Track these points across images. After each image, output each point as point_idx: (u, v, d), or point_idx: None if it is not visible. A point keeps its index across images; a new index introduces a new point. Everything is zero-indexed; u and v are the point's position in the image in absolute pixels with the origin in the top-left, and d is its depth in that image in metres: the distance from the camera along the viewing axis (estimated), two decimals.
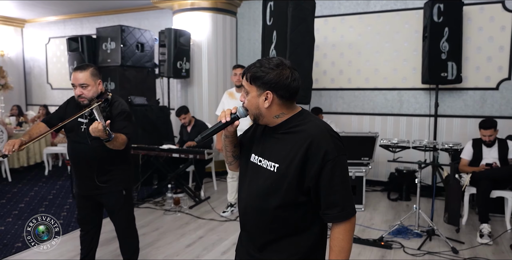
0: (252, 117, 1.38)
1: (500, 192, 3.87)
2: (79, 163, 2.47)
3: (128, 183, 2.60)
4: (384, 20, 5.48)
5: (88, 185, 2.46)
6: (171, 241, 3.60)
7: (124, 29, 5.41)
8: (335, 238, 1.34)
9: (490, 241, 3.47)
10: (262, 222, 1.38)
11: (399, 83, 5.49)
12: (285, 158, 1.30)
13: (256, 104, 1.33)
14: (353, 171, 4.45)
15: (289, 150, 1.30)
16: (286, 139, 1.33)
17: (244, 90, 1.35)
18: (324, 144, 1.26)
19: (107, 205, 2.56)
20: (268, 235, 1.39)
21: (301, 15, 3.70)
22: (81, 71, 2.35)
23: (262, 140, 1.41)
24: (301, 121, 1.33)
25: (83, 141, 2.38)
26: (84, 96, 2.35)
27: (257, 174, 1.39)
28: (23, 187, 5.49)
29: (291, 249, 1.38)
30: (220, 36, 6.09)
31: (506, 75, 4.93)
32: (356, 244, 3.49)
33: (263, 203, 1.35)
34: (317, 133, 1.28)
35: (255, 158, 1.41)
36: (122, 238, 2.64)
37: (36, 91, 8.88)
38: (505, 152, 4.01)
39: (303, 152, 1.26)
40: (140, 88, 5.76)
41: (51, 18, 8.30)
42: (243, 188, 1.46)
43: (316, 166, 1.26)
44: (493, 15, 4.92)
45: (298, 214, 1.35)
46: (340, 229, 1.33)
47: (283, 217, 1.35)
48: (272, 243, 1.39)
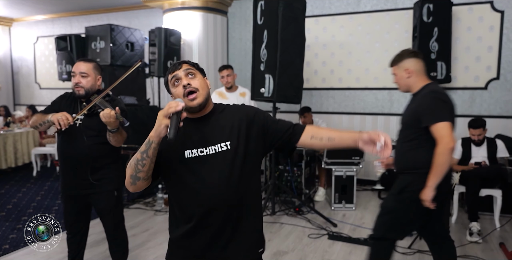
0: (202, 99, 1.43)
1: (489, 190, 3.91)
2: (71, 161, 2.39)
3: (119, 183, 2.56)
4: (374, 20, 5.50)
5: (79, 184, 2.40)
6: (162, 241, 3.56)
7: (113, 28, 5.36)
8: (315, 128, 1.51)
9: (479, 239, 3.50)
10: (232, 206, 1.43)
11: (389, 83, 5.49)
12: (230, 133, 1.44)
13: (206, 85, 1.49)
14: (344, 170, 4.47)
15: (230, 126, 1.45)
16: (221, 120, 1.47)
17: (189, 74, 1.45)
18: (250, 110, 1.52)
19: (97, 206, 2.51)
20: (234, 222, 1.44)
21: (292, 15, 3.70)
22: (84, 62, 2.38)
23: (193, 133, 1.45)
24: (222, 106, 1.54)
25: (77, 138, 2.33)
26: (81, 85, 2.33)
27: (206, 164, 1.41)
28: (10, 188, 5.40)
29: (252, 228, 1.52)
30: (211, 36, 6.07)
31: (494, 75, 4.99)
32: (347, 243, 3.50)
33: (232, 182, 1.41)
34: (241, 107, 1.55)
35: (193, 152, 1.42)
36: (112, 239, 2.60)
37: (24, 91, 8.75)
38: (494, 150, 4.05)
39: (245, 122, 1.46)
40: (130, 88, 5.69)
41: (39, 17, 8.19)
42: (194, 186, 1.41)
43: (256, 126, 1.47)
44: (482, 15, 4.97)
45: (257, 185, 1.52)
46: (308, 128, 1.50)
47: (251, 191, 1.48)
48: (239, 227, 1.46)
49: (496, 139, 4.18)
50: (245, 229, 1.47)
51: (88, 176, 2.36)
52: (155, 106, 5.98)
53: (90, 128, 2.35)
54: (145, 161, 1.34)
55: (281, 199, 4.56)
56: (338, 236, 3.64)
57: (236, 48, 6.49)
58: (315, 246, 3.48)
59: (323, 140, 1.43)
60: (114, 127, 2.19)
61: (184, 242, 1.49)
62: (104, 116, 2.10)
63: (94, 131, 2.35)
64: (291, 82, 3.86)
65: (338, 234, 3.69)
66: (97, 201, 2.47)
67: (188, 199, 1.44)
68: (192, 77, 1.44)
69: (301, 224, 4.00)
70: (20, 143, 6.30)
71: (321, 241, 3.57)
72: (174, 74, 1.45)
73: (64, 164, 2.46)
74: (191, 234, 1.46)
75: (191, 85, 1.41)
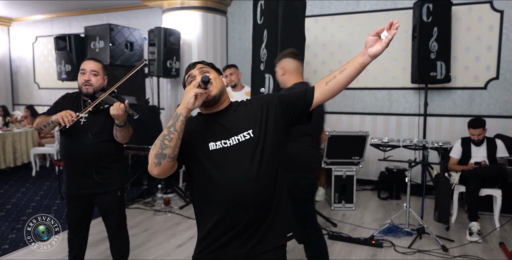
0: (216, 92, 1.43)
1: (488, 190, 3.91)
2: (76, 159, 2.37)
3: (122, 183, 2.55)
4: (374, 20, 5.50)
5: (84, 183, 2.39)
6: (162, 241, 3.56)
7: (113, 28, 5.35)
8: (323, 78, 1.52)
9: (479, 239, 3.50)
10: (261, 197, 1.41)
11: (388, 83, 5.52)
12: (250, 122, 1.44)
13: (221, 80, 1.50)
14: (343, 170, 4.46)
15: (249, 115, 1.46)
16: (239, 111, 1.48)
17: (203, 71, 1.48)
18: (263, 96, 1.54)
19: (101, 205, 2.49)
20: (268, 213, 1.43)
21: (292, 14, 3.70)
22: (95, 61, 2.42)
23: (214, 126, 1.45)
24: (237, 102, 1.55)
25: (82, 136, 2.32)
26: (91, 83, 2.36)
27: (230, 154, 1.40)
28: (9, 188, 5.39)
29: (286, 219, 1.51)
30: (211, 35, 6.06)
31: (494, 75, 4.99)
32: (347, 243, 3.49)
33: (259, 171, 1.39)
34: (255, 98, 1.55)
35: (217, 144, 1.42)
36: (113, 239, 2.59)
37: (23, 91, 8.73)
38: (494, 150, 4.05)
39: (262, 108, 1.47)
40: (129, 88, 5.69)
41: (38, 17, 8.17)
42: (221, 178, 1.39)
43: (273, 107, 1.48)
44: (481, 15, 4.97)
45: (281, 171, 1.51)
46: (317, 83, 1.52)
47: (278, 178, 1.47)
48: (271, 219, 1.45)
49: (496, 139, 4.18)
50: (276, 216, 1.46)
51: (94, 175, 2.35)
52: (154, 106, 5.97)
53: (95, 126, 2.35)
54: (172, 135, 1.30)
55: None
56: (338, 236, 3.64)
57: (236, 48, 6.48)
58: None
59: (337, 77, 1.44)
60: (122, 121, 2.21)
61: (215, 239, 1.48)
62: (114, 108, 2.13)
63: (99, 128, 2.35)
64: None
65: (338, 234, 3.68)
66: (101, 200, 2.46)
67: (214, 192, 1.41)
68: (206, 73, 1.47)
69: None
70: (19, 142, 6.28)
71: None
72: (189, 73, 1.49)
73: (68, 163, 2.42)
74: (220, 228, 1.44)
75: (208, 75, 1.44)
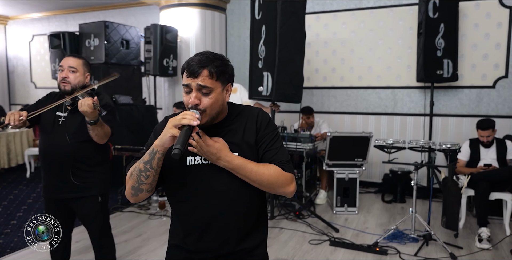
0: (207, 120, 1.24)
1: (498, 194, 3.72)
2: (52, 161, 2.24)
3: (104, 188, 2.38)
4: (377, 17, 5.32)
5: (60, 186, 2.24)
6: (155, 248, 3.39)
7: (108, 25, 5.19)
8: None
9: (490, 247, 3.32)
10: (236, 216, 1.31)
11: (393, 82, 5.34)
12: (237, 142, 1.29)
13: (222, 100, 1.27)
14: (346, 172, 4.29)
15: (238, 134, 1.31)
16: (231, 127, 1.32)
17: (203, 90, 1.22)
18: (264, 118, 1.36)
19: (80, 212, 2.33)
20: (241, 234, 1.34)
21: (292, 9, 3.53)
22: (74, 57, 2.31)
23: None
24: (238, 109, 1.37)
25: (59, 136, 2.19)
26: (68, 80, 2.23)
27: (207, 171, 1.28)
28: (2, 190, 5.24)
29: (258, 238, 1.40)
30: (209, 33, 5.89)
31: (503, 73, 4.80)
32: (350, 250, 3.32)
33: (239, 190, 1.29)
34: (256, 113, 1.36)
35: (196, 159, 1.29)
36: (98, 248, 2.43)
37: (19, 91, 8.60)
38: (504, 152, 3.87)
39: (253, 130, 1.32)
40: (125, 87, 5.53)
41: (34, 15, 8.04)
42: (193, 198, 1.30)
43: (259, 136, 1.34)
44: (490, 11, 4.78)
45: (262, 191, 1.37)
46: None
47: (255, 199, 1.36)
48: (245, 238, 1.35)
49: (506, 140, 3.99)
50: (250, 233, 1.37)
51: (71, 177, 2.20)
52: (151, 105, 5.81)
53: (72, 125, 2.21)
54: (148, 172, 1.21)
55: (281, 202, 4.39)
56: (340, 242, 3.45)
57: (235, 46, 6.32)
58: (316, 253, 3.29)
59: None
60: (93, 119, 2.05)
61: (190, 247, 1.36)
62: (81, 104, 1.98)
63: (76, 128, 2.21)
64: (291, 80, 3.68)
65: (340, 240, 3.50)
66: (80, 207, 2.30)
67: (191, 210, 1.31)
68: (204, 94, 1.23)
69: (302, 229, 3.82)
70: (14, 143, 6.13)
71: (322, 248, 3.39)
72: (188, 83, 1.22)
73: (44, 164, 2.30)
74: (197, 243, 1.34)
75: (199, 106, 1.22)
